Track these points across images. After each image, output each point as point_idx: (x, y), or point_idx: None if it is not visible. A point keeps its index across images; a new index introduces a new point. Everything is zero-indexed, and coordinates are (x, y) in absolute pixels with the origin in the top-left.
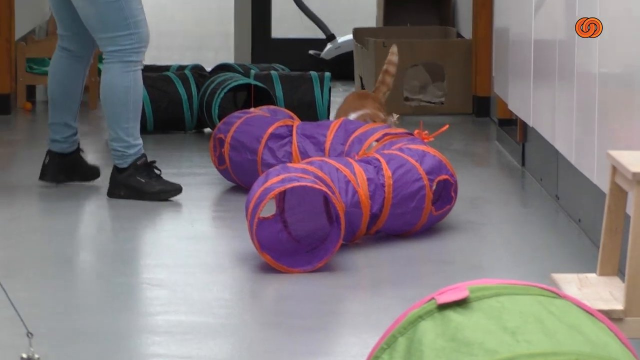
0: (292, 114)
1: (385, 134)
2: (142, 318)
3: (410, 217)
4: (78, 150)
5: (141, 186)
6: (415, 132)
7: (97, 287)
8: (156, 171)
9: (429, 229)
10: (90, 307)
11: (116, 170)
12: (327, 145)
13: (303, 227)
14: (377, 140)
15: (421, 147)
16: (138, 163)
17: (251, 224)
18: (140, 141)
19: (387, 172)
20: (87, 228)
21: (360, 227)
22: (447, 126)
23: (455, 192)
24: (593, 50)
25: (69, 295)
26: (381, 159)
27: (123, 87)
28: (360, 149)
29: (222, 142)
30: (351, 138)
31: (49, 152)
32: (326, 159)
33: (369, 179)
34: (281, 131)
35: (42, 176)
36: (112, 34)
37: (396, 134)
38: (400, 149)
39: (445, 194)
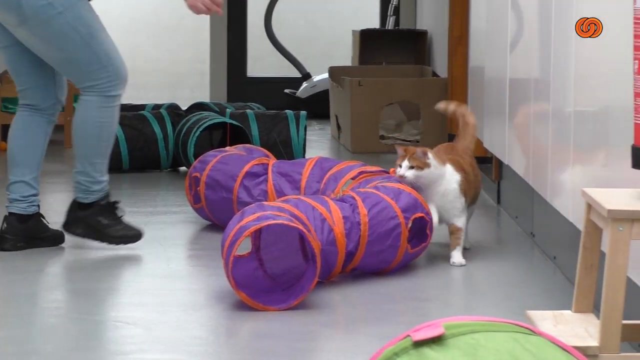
0: (267, 152)
1: (361, 172)
2: (117, 357)
3: (386, 254)
4: (38, 213)
5: (102, 228)
6: (391, 170)
7: (71, 326)
8: (119, 212)
9: (405, 266)
10: (64, 346)
11: (77, 206)
12: (303, 183)
13: (279, 265)
14: (352, 178)
15: (396, 185)
16: (102, 203)
17: (227, 262)
18: (107, 178)
19: (362, 210)
20: (60, 267)
21: (336, 265)
22: None
23: (431, 230)
24: (568, 88)
25: (42, 334)
26: (357, 197)
27: (98, 122)
28: (335, 186)
29: (198, 181)
30: (327, 176)
31: (7, 217)
32: (302, 197)
33: (344, 217)
34: (257, 169)
35: (0, 244)
36: (85, 69)
37: (372, 172)
38: (376, 187)
39: (420, 232)
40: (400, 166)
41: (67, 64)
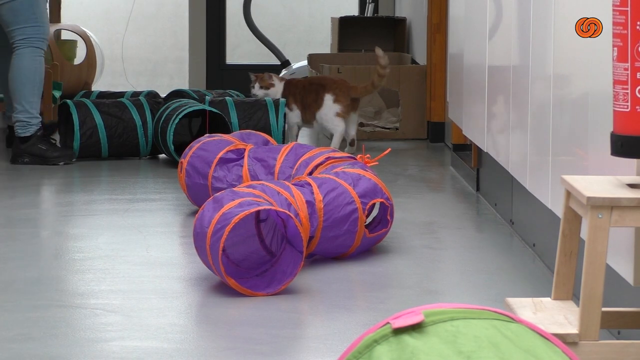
0: (267, 136)
1: (328, 158)
2: (97, 344)
3: (344, 240)
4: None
5: (43, 153)
6: (358, 156)
7: (50, 313)
8: (52, 140)
9: (383, 253)
10: (44, 334)
11: (19, 141)
12: (277, 168)
13: (239, 250)
14: (320, 164)
15: (357, 171)
16: (38, 134)
17: (214, 250)
18: (40, 117)
19: (317, 195)
20: (38, 253)
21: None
22: (389, 150)
23: (392, 215)
24: (547, 75)
25: (20, 321)
26: (312, 183)
27: (33, 68)
28: (304, 172)
29: (181, 168)
30: (299, 162)
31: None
32: (265, 183)
33: (307, 202)
34: (231, 155)
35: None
36: (22, 25)
37: (339, 157)
38: (336, 173)
39: (382, 217)
40: (254, 87)
41: (11, 17)
